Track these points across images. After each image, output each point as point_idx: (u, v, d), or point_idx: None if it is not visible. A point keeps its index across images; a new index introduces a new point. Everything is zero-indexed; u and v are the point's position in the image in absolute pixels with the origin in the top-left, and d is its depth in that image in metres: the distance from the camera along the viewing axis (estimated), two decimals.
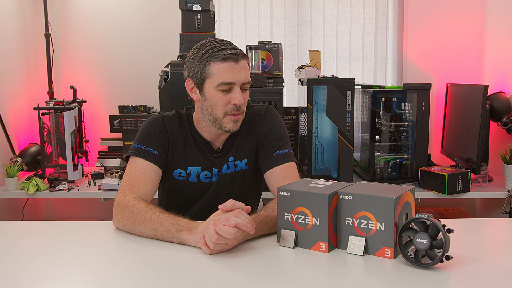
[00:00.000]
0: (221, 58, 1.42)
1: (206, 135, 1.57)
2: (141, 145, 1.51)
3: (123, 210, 1.38)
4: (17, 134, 2.91)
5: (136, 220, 1.33)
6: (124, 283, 1.06)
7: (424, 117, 2.47)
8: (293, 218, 1.24)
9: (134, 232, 1.35)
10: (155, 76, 2.69)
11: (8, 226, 1.54)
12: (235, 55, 1.43)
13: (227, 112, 1.46)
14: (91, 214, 3.20)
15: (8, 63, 2.85)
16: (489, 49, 3.00)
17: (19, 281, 1.07)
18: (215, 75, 1.43)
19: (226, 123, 1.48)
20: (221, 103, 1.46)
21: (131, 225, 1.35)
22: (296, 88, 3.22)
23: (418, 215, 1.11)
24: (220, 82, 1.43)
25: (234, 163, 1.58)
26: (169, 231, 1.27)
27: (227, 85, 1.43)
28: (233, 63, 1.43)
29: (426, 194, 2.41)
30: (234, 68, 1.43)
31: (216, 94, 1.45)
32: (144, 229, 1.32)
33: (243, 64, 1.45)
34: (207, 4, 2.57)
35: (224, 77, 1.42)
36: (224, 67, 1.42)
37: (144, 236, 1.33)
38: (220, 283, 1.05)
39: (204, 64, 1.44)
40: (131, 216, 1.35)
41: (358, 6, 3.19)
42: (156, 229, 1.29)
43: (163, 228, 1.28)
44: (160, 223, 1.29)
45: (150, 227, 1.31)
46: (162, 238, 1.29)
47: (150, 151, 1.50)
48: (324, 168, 2.43)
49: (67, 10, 3.15)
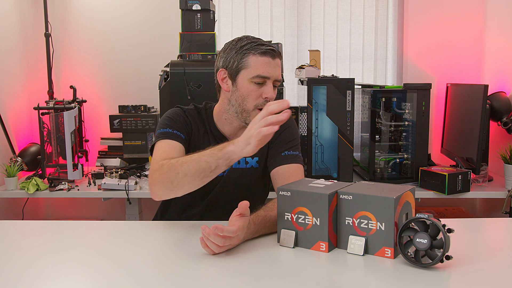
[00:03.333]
0: (260, 51, 1.47)
1: (226, 129, 1.59)
2: (168, 128, 1.52)
3: (160, 168, 1.36)
4: (17, 134, 2.91)
5: (177, 165, 1.32)
6: (124, 283, 1.06)
7: (424, 117, 2.47)
8: (293, 218, 1.24)
9: (178, 180, 1.32)
10: (155, 76, 2.69)
11: (8, 226, 1.54)
12: (273, 51, 1.49)
13: (257, 106, 1.50)
14: (91, 214, 3.20)
15: (8, 63, 2.85)
16: (489, 49, 3.00)
17: (19, 281, 1.07)
18: (252, 67, 1.47)
19: (254, 116, 1.50)
20: (253, 95, 1.49)
21: (173, 173, 1.32)
22: (296, 88, 3.22)
23: (418, 215, 1.11)
24: (256, 75, 1.47)
25: (245, 159, 1.60)
26: (212, 155, 1.28)
27: (262, 79, 1.48)
28: (270, 59, 1.48)
29: (426, 194, 2.41)
30: (271, 64, 1.48)
31: (249, 86, 1.49)
32: (187, 167, 1.30)
33: (278, 62, 1.50)
34: (207, 3, 2.57)
35: (260, 70, 1.47)
36: (262, 60, 1.47)
37: (190, 177, 1.30)
38: (220, 283, 1.05)
39: (242, 55, 1.49)
40: (171, 166, 1.33)
41: (358, 6, 3.19)
42: (199, 160, 1.29)
43: (206, 156, 1.29)
44: (202, 154, 1.30)
45: (193, 162, 1.30)
46: (207, 167, 1.29)
47: (177, 134, 1.52)
48: (324, 168, 2.43)
49: (67, 10, 3.15)
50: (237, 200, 1.26)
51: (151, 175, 1.39)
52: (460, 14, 3.09)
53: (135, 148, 2.87)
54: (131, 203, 2.67)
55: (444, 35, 3.11)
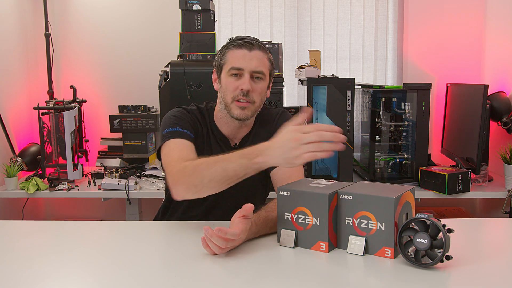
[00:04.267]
0: (235, 45, 1.51)
1: (224, 129, 1.59)
2: (177, 127, 1.49)
3: (184, 170, 1.31)
4: (17, 134, 2.91)
5: (203, 168, 1.28)
6: (124, 283, 1.06)
7: (424, 117, 2.47)
8: (293, 218, 1.24)
9: (203, 184, 1.28)
10: (155, 76, 2.69)
11: (8, 226, 1.54)
12: (249, 44, 1.49)
13: (235, 97, 1.50)
14: (91, 214, 3.20)
15: (8, 63, 2.85)
16: (489, 49, 3.00)
17: (19, 281, 1.07)
18: (229, 61, 1.51)
19: (234, 109, 1.51)
20: (230, 88, 1.50)
21: (197, 176, 1.28)
22: (296, 88, 3.22)
23: (418, 215, 1.11)
24: (230, 67, 1.49)
25: None
26: (241, 165, 1.24)
27: (237, 70, 1.49)
28: (246, 51, 1.49)
29: (426, 194, 2.41)
30: (246, 55, 1.49)
31: (227, 79, 1.51)
32: (214, 172, 1.26)
33: (256, 54, 1.50)
34: (207, 3, 2.57)
35: (234, 62, 1.49)
36: (238, 53, 1.50)
37: (215, 183, 1.27)
38: (220, 283, 1.05)
39: (223, 53, 1.54)
40: (195, 168, 1.30)
41: (358, 6, 3.19)
42: (227, 168, 1.25)
43: (233, 164, 1.24)
44: (228, 161, 1.25)
45: (220, 168, 1.26)
46: (235, 175, 1.25)
47: (187, 133, 1.49)
48: (324, 167, 2.43)
49: (67, 10, 3.15)
50: (237, 201, 1.26)
51: (174, 175, 1.34)
52: (460, 14, 3.09)
53: (135, 148, 2.87)
54: (131, 203, 2.67)
55: (444, 35, 3.11)
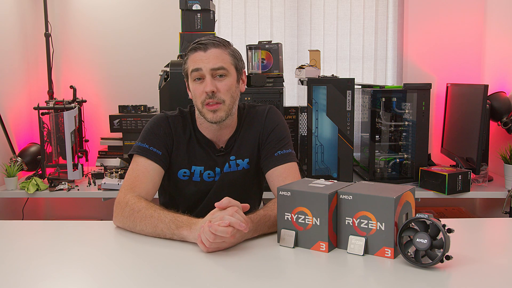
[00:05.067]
0: (191, 49, 1.50)
1: (207, 133, 1.58)
2: (145, 144, 1.52)
3: (123, 208, 1.38)
4: (17, 134, 2.91)
5: (137, 217, 1.34)
6: (124, 282, 1.06)
7: (424, 117, 2.47)
8: (293, 218, 1.24)
9: (134, 230, 1.36)
10: (155, 76, 2.69)
11: (8, 226, 1.53)
12: (202, 45, 1.48)
13: (203, 102, 1.48)
14: (91, 214, 3.20)
15: (8, 63, 2.85)
16: (489, 49, 3.00)
17: (19, 281, 1.07)
18: (189, 66, 1.50)
19: (206, 113, 1.50)
20: (197, 93, 1.50)
21: (131, 223, 1.35)
22: (296, 88, 3.22)
23: (418, 215, 1.11)
24: (191, 70, 1.49)
25: (236, 162, 1.59)
26: (169, 228, 1.28)
27: (197, 72, 1.47)
28: (201, 52, 1.47)
29: (426, 194, 2.41)
30: (202, 56, 1.47)
31: (193, 86, 1.51)
32: (144, 226, 1.32)
33: (212, 52, 1.47)
34: (207, 3, 2.57)
35: (192, 66, 1.48)
36: (194, 57, 1.48)
37: (145, 233, 1.33)
38: (220, 282, 1.05)
39: (184, 61, 1.53)
40: (132, 214, 1.35)
41: (358, 6, 3.19)
42: (157, 226, 1.30)
43: (163, 225, 1.29)
44: (161, 220, 1.30)
45: (151, 224, 1.31)
46: (162, 235, 1.30)
47: (153, 151, 1.51)
48: (324, 167, 2.43)
49: (67, 10, 3.15)
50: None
51: (116, 205, 1.41)
52: (460, 14, 3.09)
53: None
54: None
55: (444, 35, 3.11)
